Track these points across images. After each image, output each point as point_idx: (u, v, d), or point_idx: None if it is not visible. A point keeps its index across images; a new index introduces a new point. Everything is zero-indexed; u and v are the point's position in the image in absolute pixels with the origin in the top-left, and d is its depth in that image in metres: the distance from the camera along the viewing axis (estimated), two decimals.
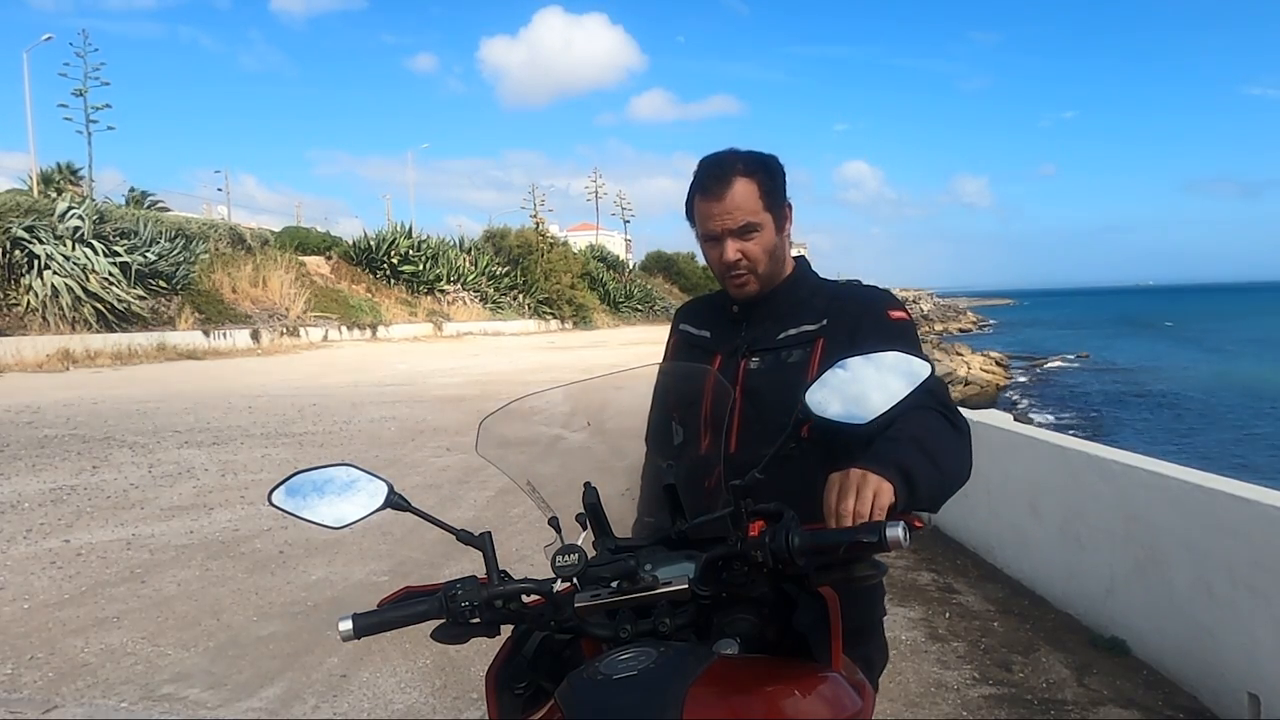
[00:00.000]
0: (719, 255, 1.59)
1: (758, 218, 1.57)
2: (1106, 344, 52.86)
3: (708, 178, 1.58)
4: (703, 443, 1.56)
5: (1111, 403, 28.81)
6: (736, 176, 1.55)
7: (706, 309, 1.77)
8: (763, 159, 1.60)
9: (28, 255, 22.99)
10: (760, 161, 1.59)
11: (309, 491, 1.39)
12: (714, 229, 1.58)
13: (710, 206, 1.57)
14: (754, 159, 1.59)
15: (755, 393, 1.56)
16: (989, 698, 3.51)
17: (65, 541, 6.08)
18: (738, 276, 1.60)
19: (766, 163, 1.60)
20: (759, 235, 1.57)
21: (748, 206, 1.56)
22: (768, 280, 1.62)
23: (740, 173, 1.56)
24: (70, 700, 3.63)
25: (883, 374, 1.22)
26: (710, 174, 1.58)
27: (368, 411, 12.81)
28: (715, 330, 1.70)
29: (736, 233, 1.57)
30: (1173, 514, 3.53)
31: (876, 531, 1.09)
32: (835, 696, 1.14)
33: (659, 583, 1.19)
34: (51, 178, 35.31)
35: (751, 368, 1.60)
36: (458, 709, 3.52)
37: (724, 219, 1.56)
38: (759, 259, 1.59)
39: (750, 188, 1.56)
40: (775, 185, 1.60)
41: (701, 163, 1.61)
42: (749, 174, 1.56)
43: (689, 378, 1.66)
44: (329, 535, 5.58)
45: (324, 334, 31.50)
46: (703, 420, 1.56)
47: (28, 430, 11.11)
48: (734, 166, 1.56)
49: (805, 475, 1.55)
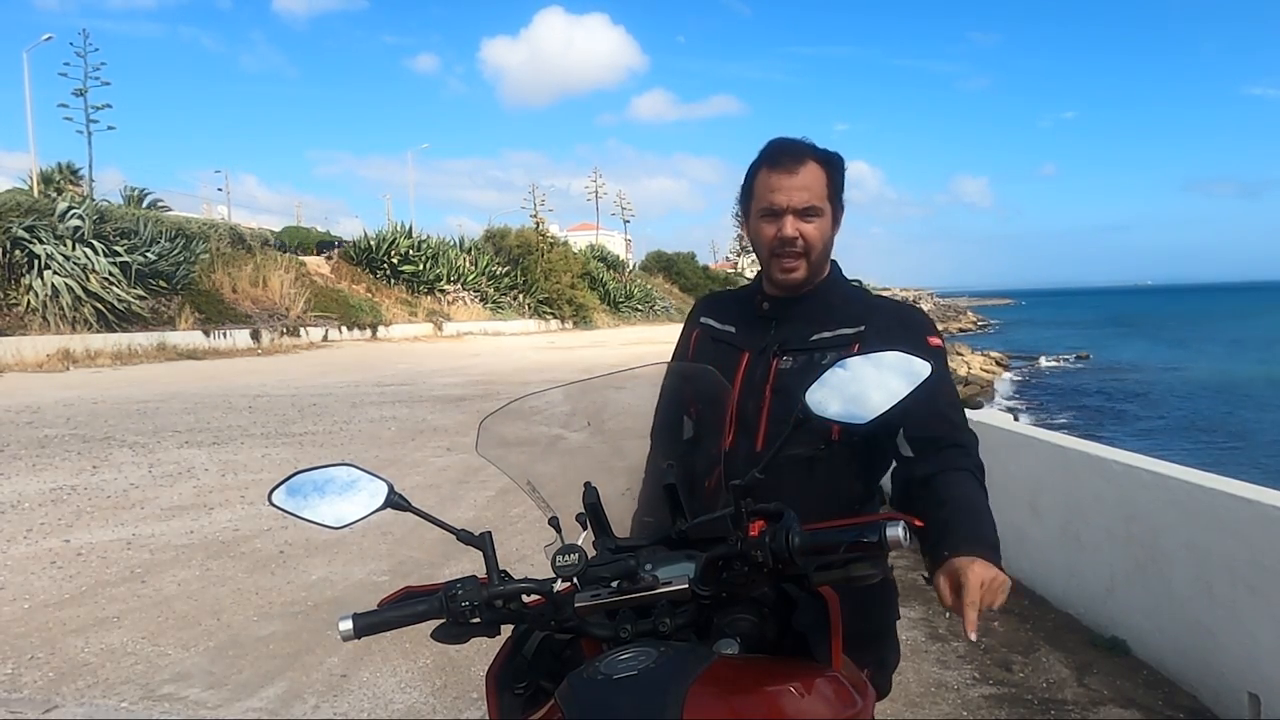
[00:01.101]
0: (775, 231, 1.56)
1: (822, 203, 1.57)
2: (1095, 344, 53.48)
3: (781, 153, 1.57)
4: (726, 441, 1.53)
5: (1110, 401, 28.84)
6: (811, 159, 1.56)
7: (732, 304, 1.74)
8: (832, 154, 1.61)
9: (28, 255, 23.00)
10: (830, 156, 1.60)
11: (309, 491, 1.39)
12: (779, 203, 1.55)
13: (780, 179, 1.55)
14: (826, 151, 1.60)
15: (785, 392, 1.54)
16: (989, 697, 3.52)
17: (65, 541, 6.08)
18: (790, 257, 1.58)
19: (834, 159, 1.61)
20: (819, 221, 1.57)
21: (817, 189, 1.56)
22: (816, 270, 1.61)
23: (814, 157, 1.57)
24: (70, 700, 3.63)
25: (883, 373, 1.22)
26: (785, 150, 1.57)
27: (368, 411, 12.81)
28: (742, 327, 1.67)
29: (801, 212, 1.55)
30: (1173, 514, 3.53)
31: (876, 531, 1.09)
32: (835, 696, 1.14)
33: (659, 583, 1.19)
34: (52, 177, 35.31)
35: (783, 367, 1.58)
36: (458, 709, 3.52)
37: (791, 194, 1.54)
38: (815, 243, 1.57)
39: (820, 174, 1.56)
40: (839, 181, 1.61)
41: (772, 141, 1.61)
42: (821, 161, 1.57)
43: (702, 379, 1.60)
44: (329, 535, 5.58)
45: (324, 334, 31.50)
46: (729, 419, 1.54)
47: (28, 430, 11.12)
48: (809, 150, 1.57)
49: (834, 480, 1.56)
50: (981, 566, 1.34)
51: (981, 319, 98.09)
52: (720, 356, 1.63)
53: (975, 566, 1.34)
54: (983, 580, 1.33)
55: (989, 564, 1.35)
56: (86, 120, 37.04)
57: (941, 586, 1.36)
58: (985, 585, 1.33)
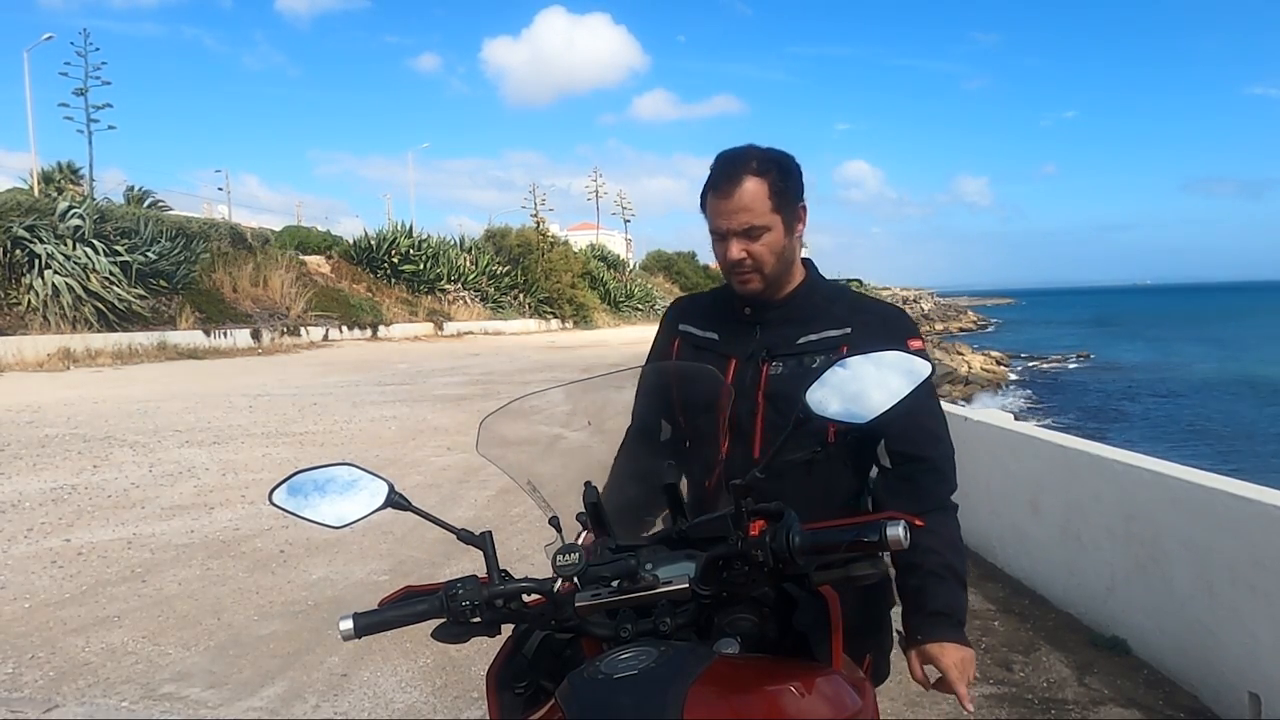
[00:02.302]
0: (724, 253, 1.58)
1: (765, 219, 1.54)
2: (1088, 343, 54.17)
3: (720, 174, 1.56)
4: (722, 447, 1.54)
5: (1110, 400, 28.88)
6: (748, 175, 1.53)
7: (711, 309, 1.73)
8: (777, 157, 1.57)
9: (28, 255, 22.99)
10: (774, 160, 1.56)
11: (310, 491, 1.39)
12: (721, 227, 1.56)
13: (719, 204, 1.55)
14: (768, 157, 1.56)
15: (779, 397, 1.54)
16: (990, 697, 3.51)
17: (66, 541, 6.08)
18: (742, 274, 1.59)
19: (781, 161, 1.57)
20: (766, 236, 1.55)
21: (756, 207, 1.53)
22: (774, 280, 1.60)
23: (752, 171, 1.53)
24: (71, 699, 3.63)
25: (883, 372, 1.22)
26: (723, 171, 1.56)
27: (368, 411, 12.81)
28: (724, 333, 1.66)
29: (742, 234, 1.55)
30: (1173, 513, 3.53)
31: (877, 531, 1.09)
32: (836, 696, 1.14)
33: (659, 582, 1.19)
34: (52, 177, 35.32)
35: (774, 373, 1.58)
36: (458, 708, 3.52)
37: (731, 218, 1.54)
38: (765, 259, 1.57)
39: (760, 187, 1.53)
40: (788, 185, 1.57)
41: (717, 158, 1.59)
42: (761, 173, 1.53)
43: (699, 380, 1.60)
44: (330, 535, 5.58)
45: (324, 333, 31.49)
46: (721, 426, 1.53)
47: (28, 429, 11.12)
48: (747, 164, 1.54)
49: (830, 480, 1.57)
50: (953, 650, 1.49)
51: (981, 318, 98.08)
52: (705, 363, 1.61)
53: (948, 651, 1.48)
54: (957, 663, 1.48)
55: (959, 645, 1.49)
56: (87, 120, 37.03)
57: (914, 665, 1.52)
58: (959, 666, 1.48)
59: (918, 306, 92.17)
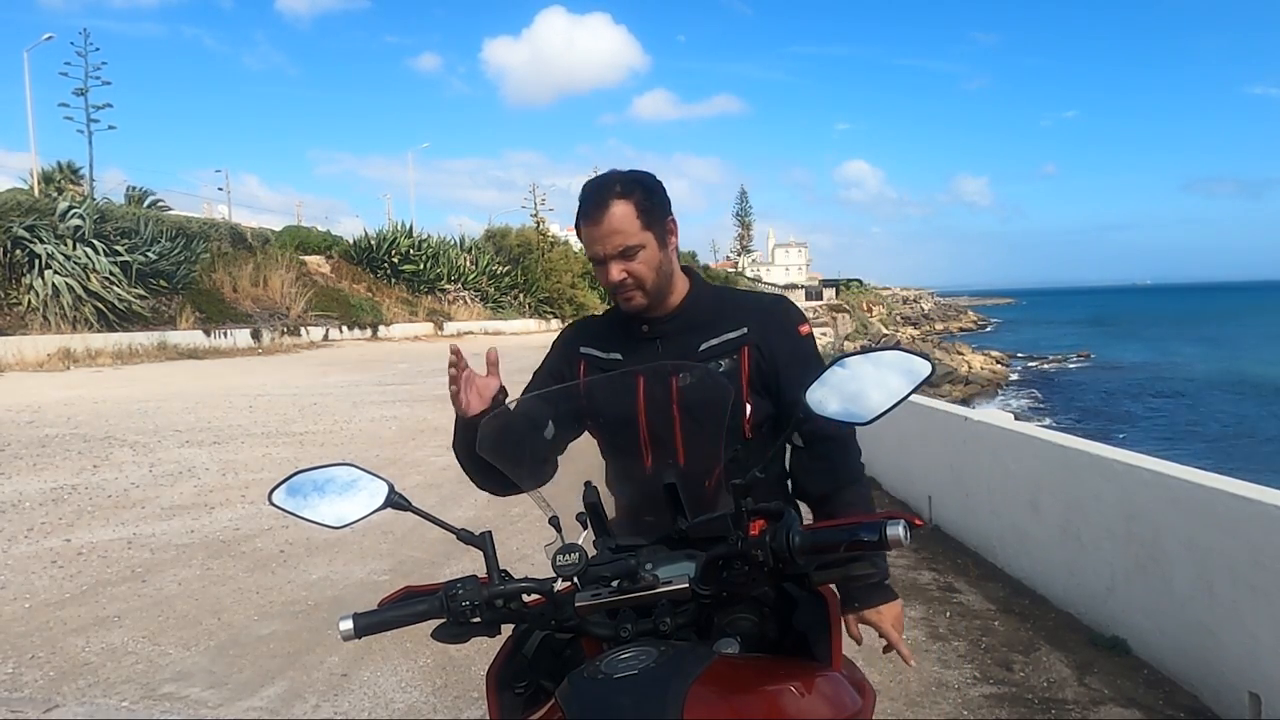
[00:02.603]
0: (605, 276, 1.63)
1: (637, 239, 1.60)
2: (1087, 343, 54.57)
3: (588, 203, 1.62)
4: (646, 460, 1.58)
5: (1111, 400, 28.87)
6: (613, 200, 1.60)
7: (609, 331, 1.75)
8: (639, 178, 1.65)
9: (28, 255, 22.99)
10: (636, 181, 1.63)
11: (310, 491, 1.39)
12: (598, 252, 1.62)
13: (591, 231, 1.61)
14: (630, 179, 1.63)
15: (693, 406, 1.58)
16: (990, 697, 3.51)
17: (66, 541, 6.08)
18: (625, 293, 1.64)
19: (643, 181, 1.64)
20: (642, 254, 1.61)
21: (626, 229, 1.59)
22: (656, 294, 1.66)
23: (617, 195, 1.60)
24: (71, 699, 3.63)
25: (881, 371, 1.22)
26: (590, 199, 1.62)
27: (368, 411, 12.80)
28: (627, 351, 1.70)
29: (618, 256, 1.60)
30: (1173, 513, 3.53)
31: (876, 530, 1.09)
32: (835, 695, 1.15)
33: (659, 582, 1.19)
34: (52, 177, 35.30)
35: (684, 383, 1.62)
36: (458, 708, 3.52)
37: (604, 243, 1.60)
38: (644, 276, 1.62)
39: (627, 209, 1.60)
40: (654, 203, 1.63)
41: (583, 188, 1.66)
42: (626, 195, 1.60)
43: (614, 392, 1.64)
44: (330, 535, 5.58)
45: (324, 333, 31.49)
46: (643, 441, 1.59)
47: (29, 429, 11.12)
48: (611, 189, 1.61)
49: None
50: (887, 609, 1.61)
51: (981, 318, 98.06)
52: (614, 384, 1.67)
53: (884, 614, 1.60)
54: (894, 621, 1.62)
55: (890, 603, 1.61)
56: (87, 120, 36.99)
57: (853, 628, 1.61)
58: (896, 625, 1.62)
59: (918, 306, 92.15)
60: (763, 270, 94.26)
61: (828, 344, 38.35)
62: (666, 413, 1.59)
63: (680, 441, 1.58)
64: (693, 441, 1.56)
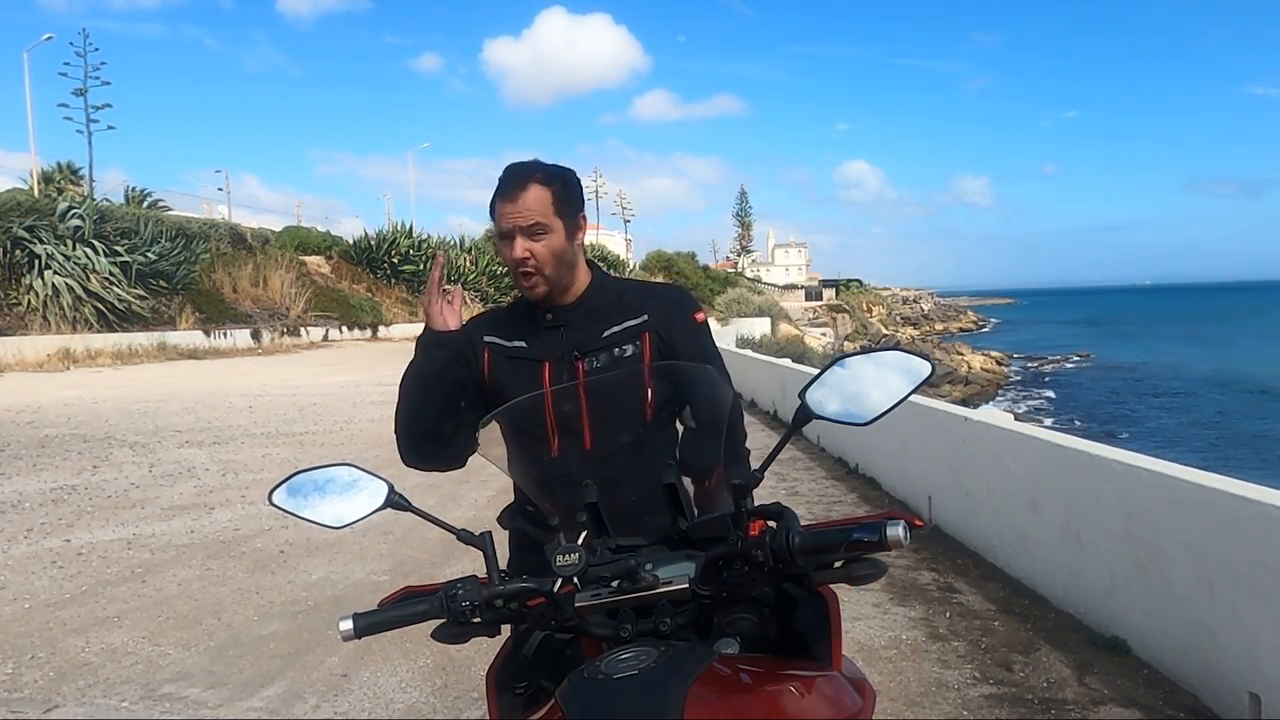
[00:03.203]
0: (509, 251, 1.67)
1: (548, 220, 1.66)
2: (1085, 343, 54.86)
3: (507, 180, 1.67)
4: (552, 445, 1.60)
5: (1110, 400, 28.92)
6: (533, 182, 1.66)
7: (513, 320, 1.79)
8: (561, 172, 1.71)
9: (28, 255, 23.00)
10: (558, 174, 1.70)
11: (310, 491, 1.39)
12: (506, 226, 1.66)
13: (505, 205, 1.66)
14: (553, 170, 1.70)
15: (600, 389, 1.64)
16: (989, 697, 3.51)
17: (66, 541, 6.08)
18: (527, 276, 1.67)
19: (564, 175, 1.71)
20: (547, 238, 1.66)
21: (538, 209, 1.65)
22: (557, 283, 1.70)
23: (537, 180, 1.66)
24: (71, 700, 3.63)
25: (882, 371, 1.22)
26: (510, 178, 1.67)
27: (368, 411, 12.80)
28: (532, 339, 1.74)
29: (526, 231, 1.65)
30: (1173, 513, 3.53)
31: (876, 531, 1.09)
32: (835, 696, 1.14)
33: (659, 582, 1.19)
34: (52, 177, 35.30)
35: (590, 368, 1.68)
36: (458, 709, 3.52)
37: (515, 217, 1.65)
38: (545, 260, 1.66)
39: (544, 194, 1.66)
40: (570, 195, 1.70)
41: (506, 169, 1.70)
42: (546, 182, 1.66)
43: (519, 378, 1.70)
44: (329, 535, 5.58)
45: (324, 333, 31.51)
46: (549, 426, 1.61)
47: (28, 430, 11.12)
48: (533, 174, 1.67)
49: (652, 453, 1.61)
50: None
51: (981, 318, 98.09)
52: (520, 371, 1.72)
53: None
54: None
55: None
56: (86, 120, 37.05)
57: None
58: None
59: (918, 307, 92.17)
60: (762, 270, 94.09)
61: (828, 344, 38.36)
62: (573, 398, 1.62)
63: (587, 425, 1.61)
64: (600, 425, 1.61)
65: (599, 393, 1.63)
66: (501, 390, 1.69)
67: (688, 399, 1.57)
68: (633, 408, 1.63)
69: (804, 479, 7.96)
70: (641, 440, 1.61)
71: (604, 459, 1.56)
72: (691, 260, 63.29)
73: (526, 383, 1.66)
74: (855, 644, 3.98)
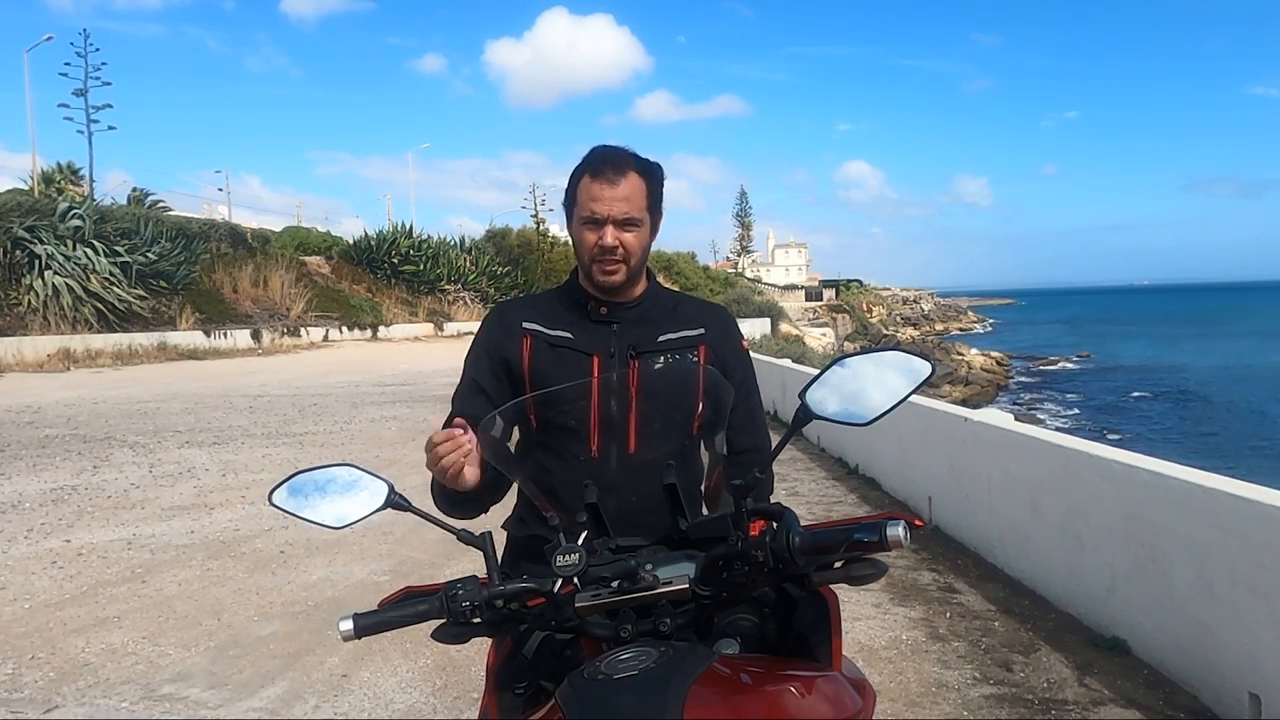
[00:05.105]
0: (596, 239, 1.59)
1: (641, 214, 1.61)
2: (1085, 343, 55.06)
3: (603, 162, 1.59)
4: (592, 443, 1.56)
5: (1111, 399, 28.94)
6: (633, 170, 1.60)
7: (554, 309, 1.69)
8: (653, 166, 1.65)
9: (29, 255, 23.01)
10: (651, 167, 1.65)
11: (310, 491, 1.39)
12: (600, 212, 1.58)
13: (601, 189, 1.57)
14: (648, 162, 1.65)
15: (652, 392, 1.59)
16: (989, 697, 3.51)
17: (66, 541, 6.08)
18: (611, 263, 1.60)
19: (654, 170, 1.65)
20: (638, 230, 1.61)
21: (636, 201, 1.59)
22: (634, 275, 1.65)
23: (636, 169, 1.60)
24: (71, 700, 3.63)
25: (882, 371, 1.22)
26: (608, 160, 1.60)
27: (368, 411, 12.80)
28: (578, 331, 1.65)
29: (621, 222, 1.59)
30: (1173, 513, 3.53)
31: (876, 531, 1.09)
32: (835, 696, 1.14)
33: (659, 582, 1.19)
34: (52, 177, 35.29)
35: (646, 369, 1.62)
36: (458, 709, 3.52)
37: (612, 205, 1.57)
38: (634, 251, 1.61)
39: (641, 185, 1.60)
40: (659, 192, 1.65)
41: (595, 149, 1.64)
42: (644, 172, 1.61)
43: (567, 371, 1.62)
44: (330, 535, 5.58)
45: (324, 334, 31.50)
46: (592, 421, 1.57)
47: (29, 430, 11.12)
48: (631, 161, 1.61)
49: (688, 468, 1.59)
50: None
51: (981, 318, 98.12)
52: (565, 361, 1.63)
53: None
54: None
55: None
56: (87, 120, 36.96)
57: None
58: None
59: (918, 307, 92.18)
60: (762, 271, 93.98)
61: (828, 344, 38.33)
62: (624, 397, 1.57)
63: (634, 427, 1.56)
64: (645, 428, 1.56)
65: (652, 395, 1.57)
66: (544, 381, 1.61)
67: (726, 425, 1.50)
68: (682, 418, 1.56)
69: (804, 479, 7.96)
70: (685, 452, 1.54)
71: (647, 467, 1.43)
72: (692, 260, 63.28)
73: (572, 375, 1.59)
74: (855, 644, 3.98)
